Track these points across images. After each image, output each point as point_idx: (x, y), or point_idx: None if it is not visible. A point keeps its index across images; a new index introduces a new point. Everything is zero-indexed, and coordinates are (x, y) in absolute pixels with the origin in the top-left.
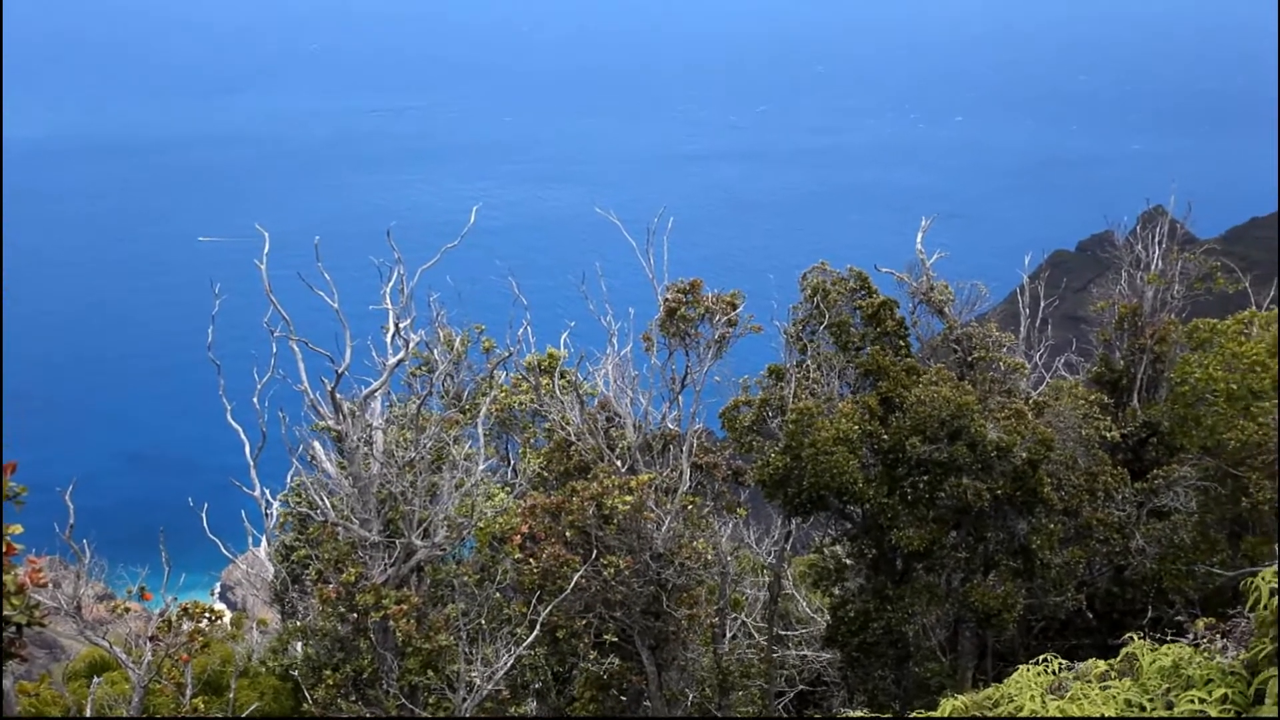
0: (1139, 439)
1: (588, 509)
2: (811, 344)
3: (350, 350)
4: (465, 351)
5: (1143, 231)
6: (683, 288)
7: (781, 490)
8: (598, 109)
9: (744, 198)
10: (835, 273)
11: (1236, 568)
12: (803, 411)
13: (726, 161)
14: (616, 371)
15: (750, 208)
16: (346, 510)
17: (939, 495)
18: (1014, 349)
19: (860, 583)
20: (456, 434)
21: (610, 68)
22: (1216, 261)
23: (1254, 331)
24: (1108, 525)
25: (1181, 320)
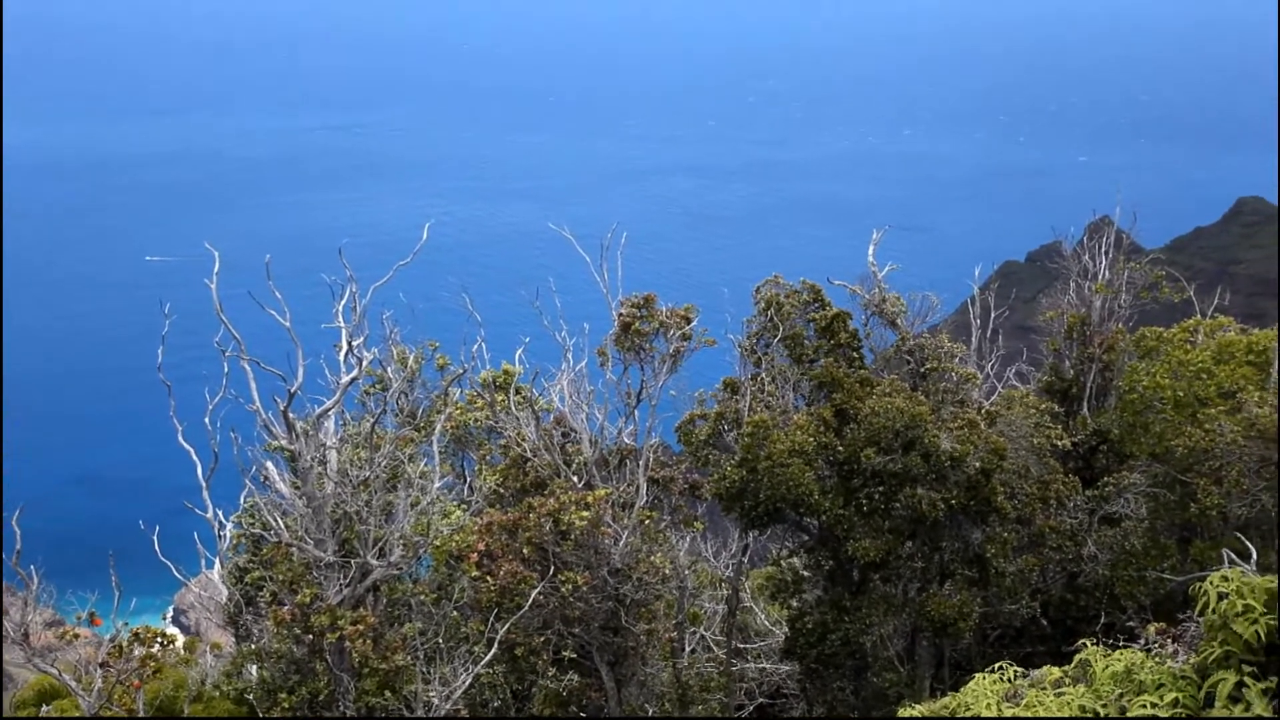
0: (1089, 447)
1: (545, 525)
2: (766, 357)
3: (303, 369)
4: (419, 369)
5: (1090, 242)
6: (637, 302)
7: (738, 503)
8: (549, 125)
9: (697, 212)
10: (788, 286)
11: (1186, 573)
12: (758, 424)
13: (678, 176)
14: (572, 387)
15: (703, 222)
16: (301, 531)
17: (894, 506)
18: (966, 359)
19: (818, 594)
20: (411, 452)
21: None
22: (1162, 271)
23: (1199, 339)
24: (1060, 533)
25: (1129, 329)
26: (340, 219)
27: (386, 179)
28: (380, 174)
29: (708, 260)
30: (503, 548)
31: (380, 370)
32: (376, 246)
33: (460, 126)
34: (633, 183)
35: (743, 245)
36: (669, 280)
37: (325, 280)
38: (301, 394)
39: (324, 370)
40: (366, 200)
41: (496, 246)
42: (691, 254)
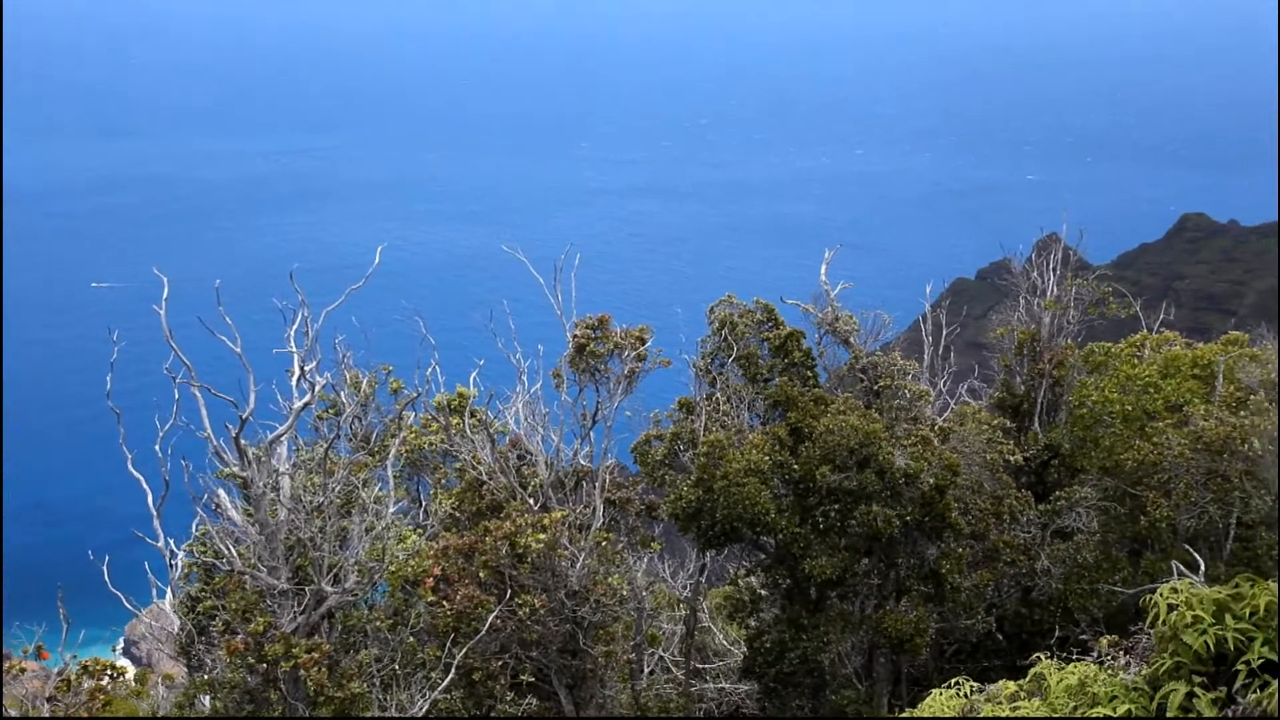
0: (1041, 461)
1: (501, 548)
2: (720, 376)
3: (254, 395)
4: (373, 393)
5: (1038, 259)
6: (591, 324)
7: (695, 523)
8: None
9: (651, 233)
10: (742, 305)
11: (1137, 585)
12: (714, 444)
13: (631, 197)
14: (527, 409)
15: (657, 242)
16: (253, 558)
17: (850, 523)
18: (919, 376)
19: (775, 613)
20: (366, 477)
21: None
22: (1109, 287)
23: (1146, 354)
24: (1014, 547)
25: (1078, 345)
26: (292, 243)
27: (338, 203)
28: (331, 198)
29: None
30: (459, 572)
31: (333, 395)
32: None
33: (412, 149)
34: (587, 204)
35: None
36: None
37: (277, 305)
38: (253, 420)
39: (276, 396)
40: (318, 224)
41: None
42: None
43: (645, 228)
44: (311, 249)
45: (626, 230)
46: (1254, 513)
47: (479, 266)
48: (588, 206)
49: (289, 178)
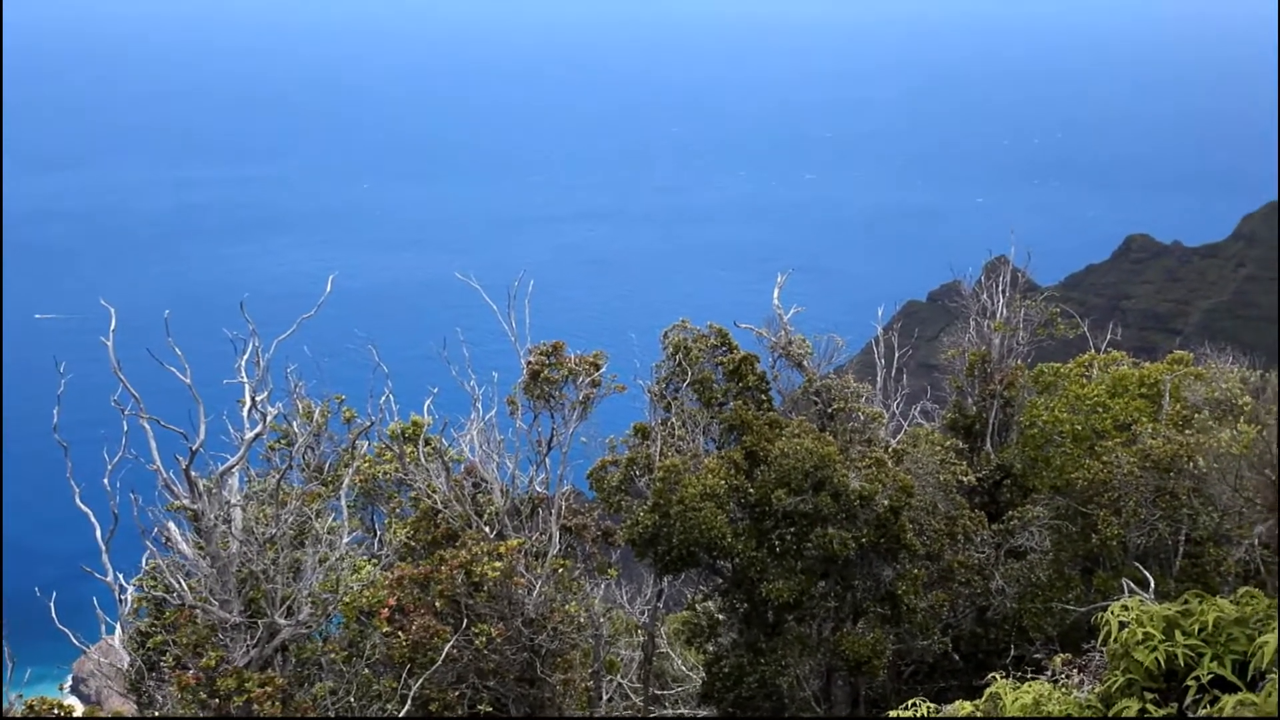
0: (994, 481)
1: (457, 577)
2: (675, 401)
3: (205, 426)
4: (325, 423)
5: (987, 281)
6: (545, 350)
7: (651, 548)
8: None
9: (603, 258)
10: (696, 330)
11: (1090, 603)
12: (669, 469)
13: (584, 222)
14: (482, 437)
15: (610, 268)
16: (205, 592)
17: (806, 546)
18: (872, 399)
19: (733, 637)
20: (319, 507)
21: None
22: (1057, 308)
23: (1094, 374)
24: (968, 567)
25: (1027, 365)
26: (240, 273)
27: (286, 232)
28: (282, 227)
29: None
30: (415, 602)
31: (286, 425)
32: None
33: (359, 177)
34: (538, 230)
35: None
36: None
37: (227, 335)
38: (204, 452)
39: (227, 427)
40: (268, 253)
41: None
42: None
43: (597, 253)
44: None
45: (579, 256)
46: (1202, 529)
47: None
48: (539, 232)
49: (235, 207)
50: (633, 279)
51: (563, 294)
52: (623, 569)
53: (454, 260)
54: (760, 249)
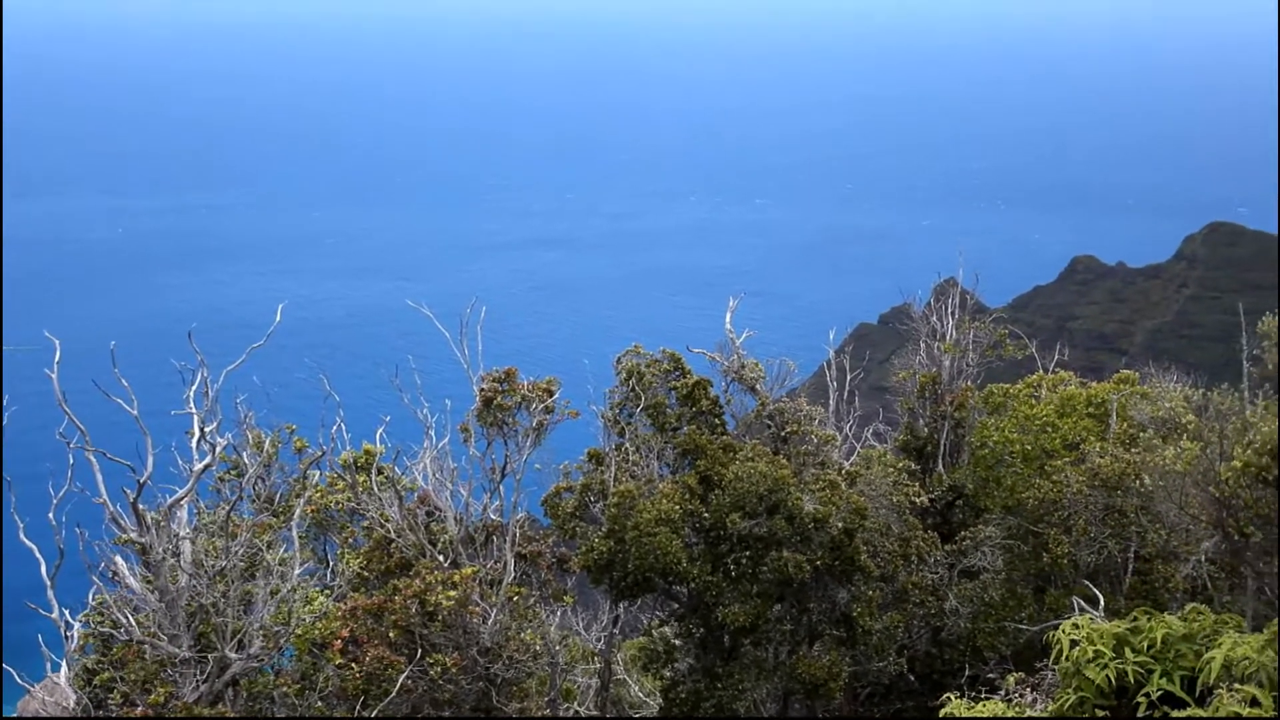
0: (946, 502)
1: (411, 607)
2: (629, 427)
3: (152, 458)
4: (276, 453)
5: (937, 303)
6: (498, 376)
7: (607, 575)
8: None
9: (555, 284)
10: (649, 355)
11: (1042, 622)
12: (624, 494)
13: (535, 249)
14: (435, 464)
15: (562, 293)
16: (153, 626)
17: (761, 569)
18: (825, 422)
19: (690, 663)
20: (270, 539)
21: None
22: (1005, 329)
23: (1042, 394)
24: (922, 588)
25: (977, 386)
26: (188, 303)
27: (236, 260)
28: (230, 255)
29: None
30: (368, 632)
31: (235, 456)
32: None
33: (307, 205)
34: (489, 257)
35: (602, 316)
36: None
37: (175, 366)
38: (152, 484)
39: (175, 459)
40: (216, 283)
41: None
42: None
43: (549, 279)
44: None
45: (531, 282)
46: (1150, 546)
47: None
48: (490, 259)
49: (183, 236)
50: (585, 305)
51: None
52: (578, 596)
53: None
54: (712, 274)
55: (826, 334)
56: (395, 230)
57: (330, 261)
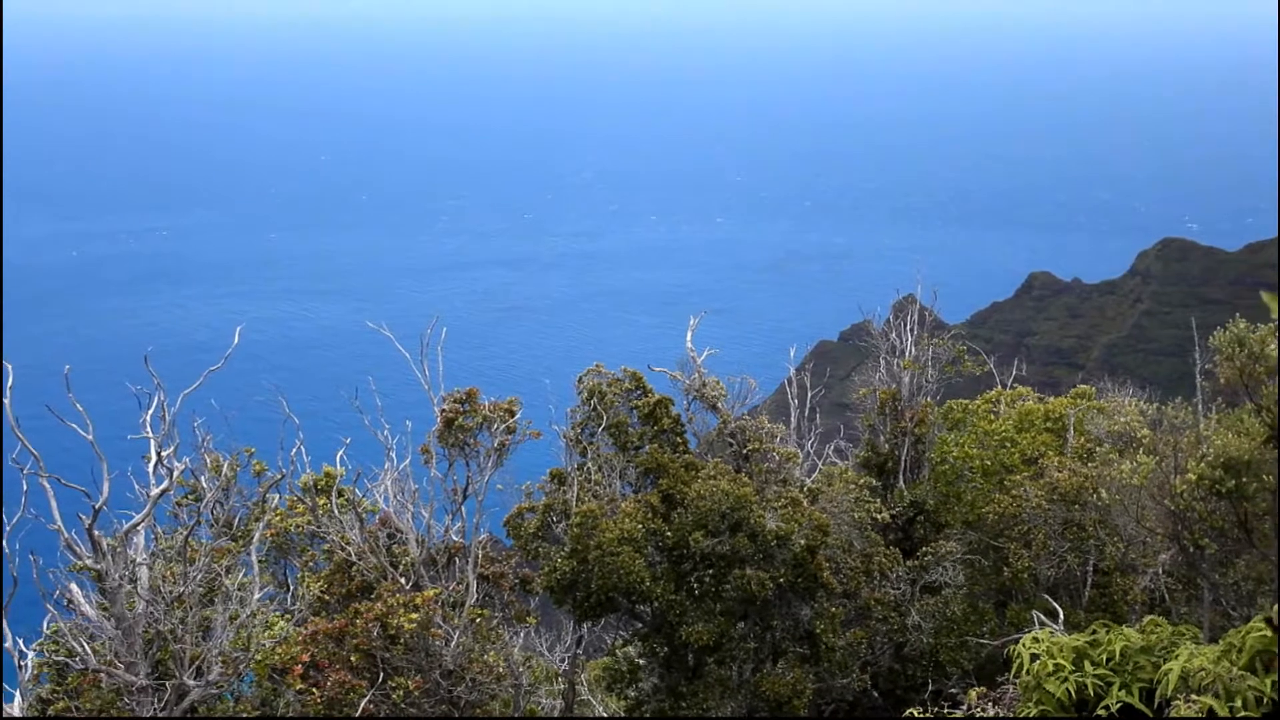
0: (907, 518)
1: (372, 630)
2: (591, 446)
3: (108, 484)
4: (235, 477)
5: (896, 320)
6: (459, 397)
7: (570, 595)
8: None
9: (516, 304)
10: (610, 374)
11: (1003, 636)
12: (586, 514)
13: (495, 269)
14: (396, 486)
15: (523, 314)
16: (110, 654)
17: (724, 587)
18: (786, 439)
19: (654, 682)
20: (229, 563)
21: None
22: (963, 346)
23: (1001, 409)
24: (885, 604)
25: (937, 402)
26: (146, 327)
27: (191, 284)
28: (187, 278)
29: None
30: (329, 657)
31: (193, 480)
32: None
33: (264, 226)
34: (449, 277)
35: (563, 336)
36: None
37: (131, 390)
38: (108, 510)
39: (132, 484)
40: (174, 306)
41: (311, 347)
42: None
43: (510, 299)
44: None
45: (491, 303)
46: (1108, 559)
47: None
48: (450, 280)
49: (139, 259)
50: (546, 325)
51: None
52: (541, 616)
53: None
54: (673, 292)
55: (787, 351)
56: (354, 252)
57: (289, 283)
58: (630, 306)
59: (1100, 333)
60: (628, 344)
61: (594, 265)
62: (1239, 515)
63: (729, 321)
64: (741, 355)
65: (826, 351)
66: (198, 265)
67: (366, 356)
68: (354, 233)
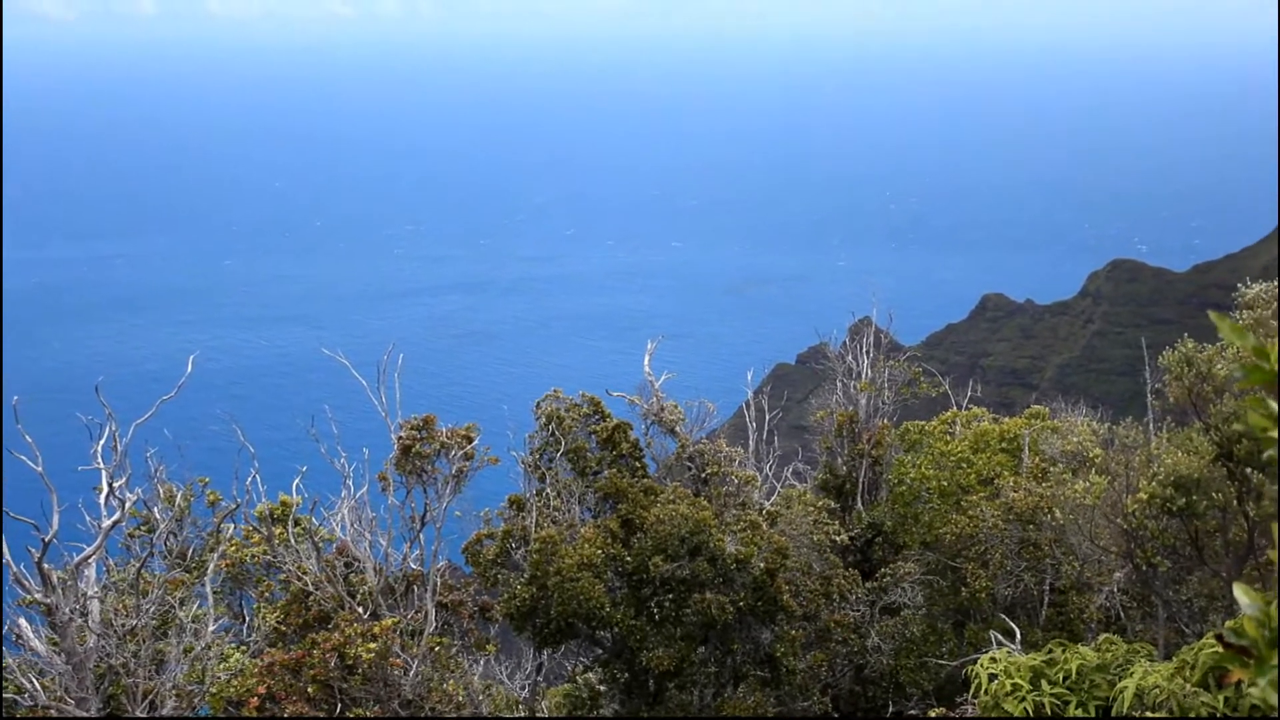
0: (866, 540)
1: (330, 661)
2: (550, 472)
3: (58, 516)
4: (189, 507)
5: (852, 342)
6: (416, 424)
7: (530, 621)
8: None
9: (474, 329)
10: (568, 399)
11: (962, 656)
12: (545, 540)
13: (452, 294)
14: (353, 514)
15: (480, 339)
16: (60, 690)
17: (685, 612)
18: (745, 462)
19: (615, 708)
20: (183, 595)
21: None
22: (919, 367)
23: (957, 430)
24: (845, 626)
25: (893, 424)
26: (97, 356)
27: (143, 311)
28: (140, 307)
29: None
30: (286, 689)
31: (146, 511)
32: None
33: (217, 254)
34: (405, 303)
35: (521, 361)
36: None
37: (82, 421)
38: (58, 542)
39: (83, 516)
40: (126, 334)
41: (267, 375)
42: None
43: (467, 325)
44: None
45: (448, 328)
46: (1064, 578)
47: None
48: (406, 306)
49: (90, 287)
50: (503, 350)
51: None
52: (501, 644)
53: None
54: (630, 317)
55: (745, 375)
56: (310, 279)
57: (243, 311)
58: (588, 331)
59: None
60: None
61: (551, 290)
62: (1190, 533)
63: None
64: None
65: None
66: (152, 292)
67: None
68: (309, 259)
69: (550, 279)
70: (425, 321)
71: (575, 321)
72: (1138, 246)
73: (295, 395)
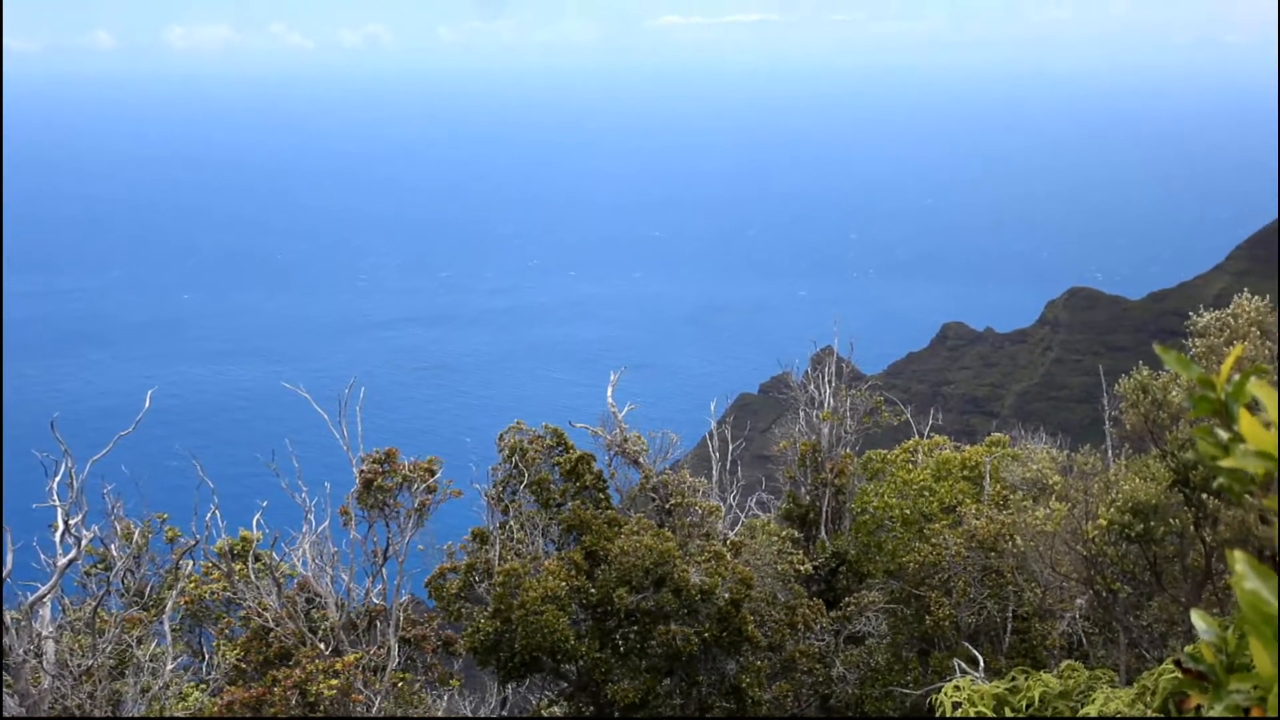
0: (830, 569)
1: (291, 698)
2: (513, 504)
3: (12, 555)
4: (147, 544)
5: (814, 372)
6: (378, 458)
7: (494, 655)
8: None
9: (435, 361)
10: (532, 431)
11: (927, 684)
12: (509, 573)
13: (413, 327)
14: (314, 549)
15: (442, 371)
16: None
17: (650, 644)
18: (709, 493)
19: None
20: (141, 634)
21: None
22: (881, 396)
23: (919, 459)
24: (810, 656)
25: (856, 453)
26: (53, 391)
27: (104, 346)
28: (96, 341)
29: (449, 410)
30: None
31: (103, 548)
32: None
33: (175, 288)
34: (366, 336)
35: (483, 393)
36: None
37: (37, 457)
38: (12, 581)
39: (38, 554)
40: (83, 369)
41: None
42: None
43: (429, 357)
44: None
45: (410, 361)
46: (1027, 605)
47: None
48: (368, 339)
49: (45, 322)
50: (466, 383)
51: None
52: (465, 678)
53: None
54: (593, 348)
55: (708, 405)
56: (270, 312)
57: (203, 345)
58: (551, 363)
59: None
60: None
61: (514, 321)
62: (1149, 559)
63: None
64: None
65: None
66: (111, 327)
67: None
68: (270, 292)
69: (512, 310)
70: (388, 354)
71: (538, 352)
72: (1094, 274)
73: (255, 430)
